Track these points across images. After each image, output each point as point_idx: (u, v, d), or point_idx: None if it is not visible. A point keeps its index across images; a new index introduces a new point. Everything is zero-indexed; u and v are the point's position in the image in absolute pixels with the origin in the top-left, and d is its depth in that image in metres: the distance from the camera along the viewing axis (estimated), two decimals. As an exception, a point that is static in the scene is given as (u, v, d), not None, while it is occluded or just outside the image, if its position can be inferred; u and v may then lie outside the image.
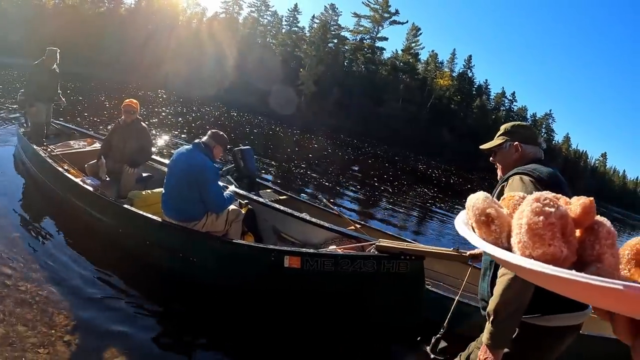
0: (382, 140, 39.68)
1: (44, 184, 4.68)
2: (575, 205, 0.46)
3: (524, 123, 2.02)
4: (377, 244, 2.65)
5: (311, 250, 2.91)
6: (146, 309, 2.95)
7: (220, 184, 3.82)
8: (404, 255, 2.52)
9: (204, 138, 3.53)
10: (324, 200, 5.42)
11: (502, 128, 1.98)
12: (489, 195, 0.53)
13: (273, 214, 4.25)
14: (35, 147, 5.08)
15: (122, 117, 4.81)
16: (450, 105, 55.70)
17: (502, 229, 0.48)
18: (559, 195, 0.48)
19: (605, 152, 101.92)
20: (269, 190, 5.33)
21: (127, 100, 4.86)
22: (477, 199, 0.51)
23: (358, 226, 4.55)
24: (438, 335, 1.95)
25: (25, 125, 6.25)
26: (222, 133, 3.61)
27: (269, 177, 9.58)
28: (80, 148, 5.62)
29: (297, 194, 7.68)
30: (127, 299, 3.01)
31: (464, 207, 0.52)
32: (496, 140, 1.95)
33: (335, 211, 4.78)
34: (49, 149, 5.20)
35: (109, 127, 4.97)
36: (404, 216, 9.50)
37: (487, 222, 0.49)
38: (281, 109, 37.70)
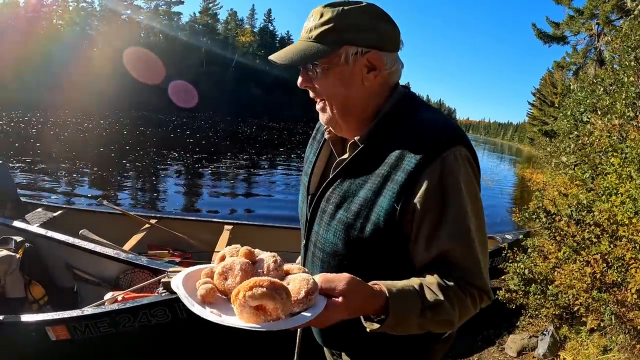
0: (189, 109, 40.03)
1: None
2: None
3: (363, 2, 0.88)
4: (163, 280, 1.99)
5: (75, 313, 2.18)
6: None
7: None
8: None
9: None
10: (105, 201, 4.78)
11: (326, 13, 0.85)
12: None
13: (62, 247, 3.27)
14: None
15: None
16: (256, 61, 60.30)
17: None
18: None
19: (441, 98, 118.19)
20: (39, 210, 4.26)
21: None
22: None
23: (153, 222, 4.08)
24: None
25: None
26: None
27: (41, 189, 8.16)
28: None
29: (79, 198, 7.52)
30: None
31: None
32: (312, 44, 0.85)
33: (119, 210, 4.32)
34: None
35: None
36: (217, 188, 8.90)
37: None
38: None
